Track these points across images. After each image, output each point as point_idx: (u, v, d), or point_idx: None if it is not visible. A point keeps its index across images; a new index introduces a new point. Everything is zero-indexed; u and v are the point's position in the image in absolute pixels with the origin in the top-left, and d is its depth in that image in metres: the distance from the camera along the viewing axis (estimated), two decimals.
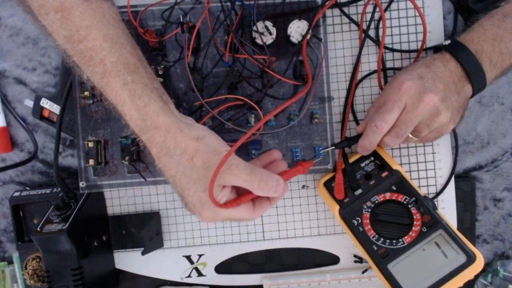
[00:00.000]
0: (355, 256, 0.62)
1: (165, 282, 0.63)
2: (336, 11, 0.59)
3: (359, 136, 0.54)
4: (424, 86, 0.48)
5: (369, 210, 0.53)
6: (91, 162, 0.54)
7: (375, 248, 0.51)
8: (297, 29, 0.54)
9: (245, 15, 0.54)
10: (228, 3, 0.53)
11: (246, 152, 0.56)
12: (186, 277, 0.62)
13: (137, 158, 0.55)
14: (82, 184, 0.56)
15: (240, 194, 0.45)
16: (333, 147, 0.56)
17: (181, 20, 0.54)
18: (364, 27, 0.58)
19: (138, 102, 0.43)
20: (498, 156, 0.61)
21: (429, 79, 0.48)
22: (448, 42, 0.51)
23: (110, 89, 0.43)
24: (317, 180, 0.61)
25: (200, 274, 0.62)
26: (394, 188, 0.53)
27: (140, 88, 0.43)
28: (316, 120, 0.56)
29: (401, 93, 0.48)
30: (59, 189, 0.58)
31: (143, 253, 0.58)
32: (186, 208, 0.45)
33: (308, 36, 0.54)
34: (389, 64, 0.60)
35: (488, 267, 0.62)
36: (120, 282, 0.63)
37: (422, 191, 0.55)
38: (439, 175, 0.60)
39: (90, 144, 0.54)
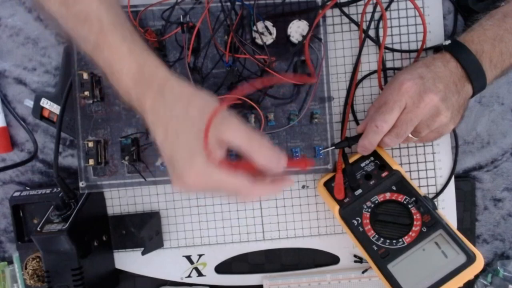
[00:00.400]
0: (355, 256, 0.62)
1: (165, 282, 0.63)
2: (336, 11, 0.59)
3: (359, 136, 0.54)
4: (424, 86, 0.48)
5: (369, 210, 0.53)
6: (91, 162, 0.54)
7: (375, 248, 0.51)
8: (297, 29, 0.54)
9: (245, 15, 0.54)
10: (228, 3, 0.53)
11: None
12: (186, 277, 0.62)
13: (137, 158, 0.55)
14: (82, 184, 0.56)
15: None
16: (333, 147, 0.56)
17: (181, 20, 0.54)
18: (364, 27, 0.58)
19: (138, 58, 0.42)
20: (498, 156, 0.61)
21: (429, 79, 0.48)
22: (448, 42, 0.51)
23: (108, 46, 0.42)
24: (317, 180, 0.61)
25: (200, 274, 0.62)
26: (394, 188, 0.53)
27: (138, 47, 0.43)
28: (316, 120, 0.56)
29: (401, 93, 0.48)
30: (59, 189, 0.58)
31: (143, 253, 0.58)
32: (173, 181, 0.41)
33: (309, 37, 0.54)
34: (389, 64, 0.60)
35: (488, 267, 0.62)
36: (120, 282, 0.63)
37: (422, 191, 0.54)
38: (439, 175, 0.60)
39: (90, 144, 0.54)
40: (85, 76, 0.53)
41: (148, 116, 0.42)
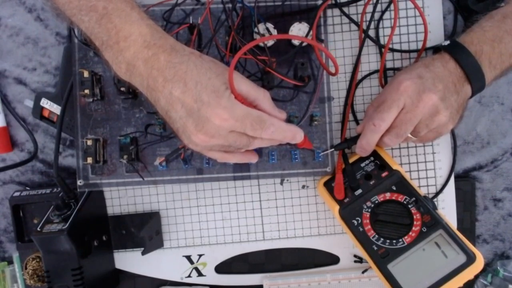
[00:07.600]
0: (355, 256, 0.62)
1: (165, 282, 0.63)
2: (336, 11, 0.59)
3: (358, 136, 0.53)
4: (423, 85, 0.48)
5: (369, 210, 0.53)
6: (89, 160, 0.54)
7: (375, 248, 0.51)
8: (298, 31, 0.54)
9: (245, 16, 0.54)
10: (230, 4, 0.53)
11: None
12: (186, 277, 0.62)
13: (135, 158, 0.55)
14: (79, 182, 0.56)
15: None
16: (333, 149, 0.56)
17: (190, 21, 0.54)
18: (364, 27, 0.58)
19: (148, 22, 0.45)
20: (498, 156, 0.62)
21: (428, 78, 0.48)
22: (447, 42, 0.51)
23: (118, 12, 0.44)
24: (317, 180, 0.61)
25: (200, 274, 0.62)
26: (394, 188, 0.53)
27: (146, 15, 0.45)
28: (315, 122, 0.56)
29: (400, 92, 0.48)
30: (59, 189, 0.58)
31: (143, 253, 0.58)
32: (193, 133, 0.43)
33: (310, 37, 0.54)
34: (389, 64, 0.60)
35: (488, 267, 0.63)
36: (120, 282, 0.63)
37: (422, 191, 0.55)
38: (439, 175, 0.60)
39: (89, 142, 0.54)
40: (86, 74, 0.53)
41: (163, 73, 0.43)
